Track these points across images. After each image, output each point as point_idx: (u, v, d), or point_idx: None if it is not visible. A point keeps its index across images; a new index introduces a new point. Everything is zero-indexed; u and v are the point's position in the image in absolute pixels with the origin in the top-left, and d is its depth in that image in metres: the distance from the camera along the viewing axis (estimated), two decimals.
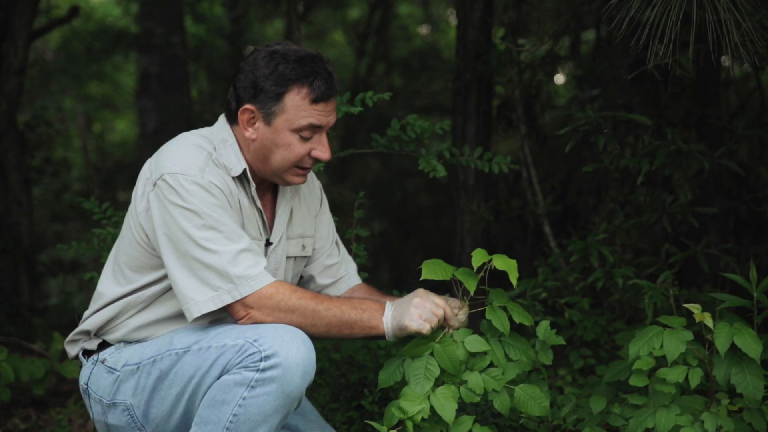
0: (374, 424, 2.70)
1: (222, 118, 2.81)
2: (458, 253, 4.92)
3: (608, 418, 3.07)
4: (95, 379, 2.79)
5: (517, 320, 2.74)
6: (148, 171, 2.73)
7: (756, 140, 4.37)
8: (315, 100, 2.67)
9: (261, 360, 2.50)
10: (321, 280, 3.01)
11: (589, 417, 3.13)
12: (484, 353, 2.77)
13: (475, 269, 2.69)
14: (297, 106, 2.67)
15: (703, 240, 4.00)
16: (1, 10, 5.00)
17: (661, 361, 2.93)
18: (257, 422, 2.52)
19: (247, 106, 2.71)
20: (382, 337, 2.68)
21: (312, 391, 3.64)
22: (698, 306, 2.85)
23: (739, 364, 2.82)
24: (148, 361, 2.70)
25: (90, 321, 2.83)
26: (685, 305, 2.87)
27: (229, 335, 2.58)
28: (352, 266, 3.08)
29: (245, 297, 2.60)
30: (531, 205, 4.89)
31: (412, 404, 2.68)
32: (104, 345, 2.83)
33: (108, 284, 2.82)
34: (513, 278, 2.68)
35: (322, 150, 2.72)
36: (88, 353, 2.85)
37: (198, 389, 2.59)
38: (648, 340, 2.85)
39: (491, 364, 2.77)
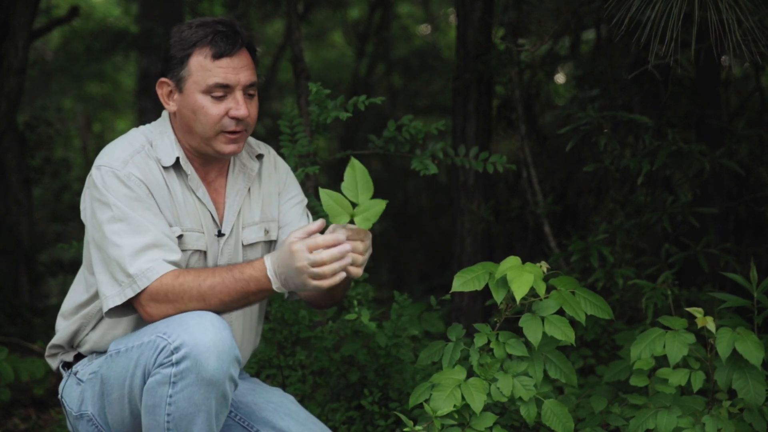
0: (403, 417, 2.72)
1: (164, 111, 2.80)
2: (458, 253, 4.92)
3: (608, 418, 3.07)
4: (68, 391, 2.80)
5: (548, 332, 2.74)
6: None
7: (756, 140, 4.37)
8: (216, 56, 2.64)
9: (172, 353, 2.46)
10: None
11: (589, 417, 3.13)
12: (522, 359, 2.78)
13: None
14: (201, 66, 2.65)
15: (703, 240, 4.00)
16: (1, 10, 5.00)
17: (661, 361, 2.93)
18: (192, 414, 2.49)
19: (161, 79, 2.71)
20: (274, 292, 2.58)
21: (312, 391, 3.64)
22: (701, 310, 2.84)
23: (740, 370, 2.81)
24: (97, 369, 2.70)
25: (58, 335, 2.83)
26: (687, 309, 2.87)
27: (146, 332, 2.56)
28: None
29: (141, 292, 2.57)
30: (531, 205, 4.88)
31: (443, 395, 2.70)
32: (80, 356, 2.84)
33: (73, 293, 2.82)
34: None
35: (236, 108, 2.66)
36: (67, 365, 2.86)
37: (132, 392, 2.58)
38: (650, 343, 2.85)
39: (527, 372, 2.78)
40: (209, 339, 2.46)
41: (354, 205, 2.52)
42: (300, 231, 2.51)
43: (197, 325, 2.47)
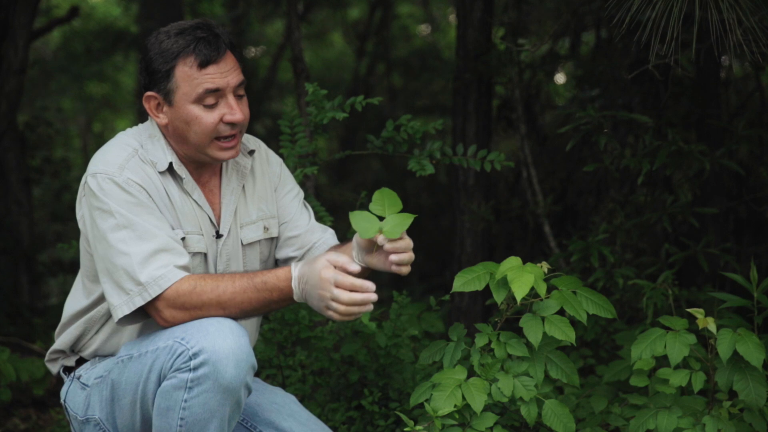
0: (403, 417, 2.72)
1: None
2: (458, 253, 4.92)
3: (608, 418, 3.07)
4: (71, 396, 2.78)
5: (549, 332, 2.74)
6: (84, 175, 2.69)
7: (756, 140, 4.37)
8: (202, 65, 2.60)
9: (190, 359, 2.45)
10: (288, 252, 2.91)
11: (589, 417, 3.13)
12: (522, 359, 2.79)
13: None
14: (188, 77, 2.61)
15: (703, 240, 4.00)
16: (1, 10, 4.99)
17: (661, 361, 2.93)
18: (206, 419, 2.49)
19: (147, 93, 2.67)
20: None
21: (312, 391, 3.64)
22: (701, 311, 2.84)
23: (741, 371, 2.81)
24: (106, 373, 2.69)
25: (60, 340, 2.82)
26: (688, 310, 2.87)
27: (161, 337, 2.55)
28: (325, 235, 2.94)
29: (155, 299, 2.54)
30: (531, 205, 4.88)
31: (444, 395, 2.71)
32: (82, 361, 2.82)
33: (72, 299, 2.81)
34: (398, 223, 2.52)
35: (231, 113, 2.63)
36: (68, 369, 2.84)
37: (145, 396, 2.57)
38: (651, 343, 2.84)
39: (527, 373, 2.79)
40: (229, 347, 2.45)
41: (381, 218, 2.53)
42: (338, 257, 2.49)
43: (217, 332, 2.47)
